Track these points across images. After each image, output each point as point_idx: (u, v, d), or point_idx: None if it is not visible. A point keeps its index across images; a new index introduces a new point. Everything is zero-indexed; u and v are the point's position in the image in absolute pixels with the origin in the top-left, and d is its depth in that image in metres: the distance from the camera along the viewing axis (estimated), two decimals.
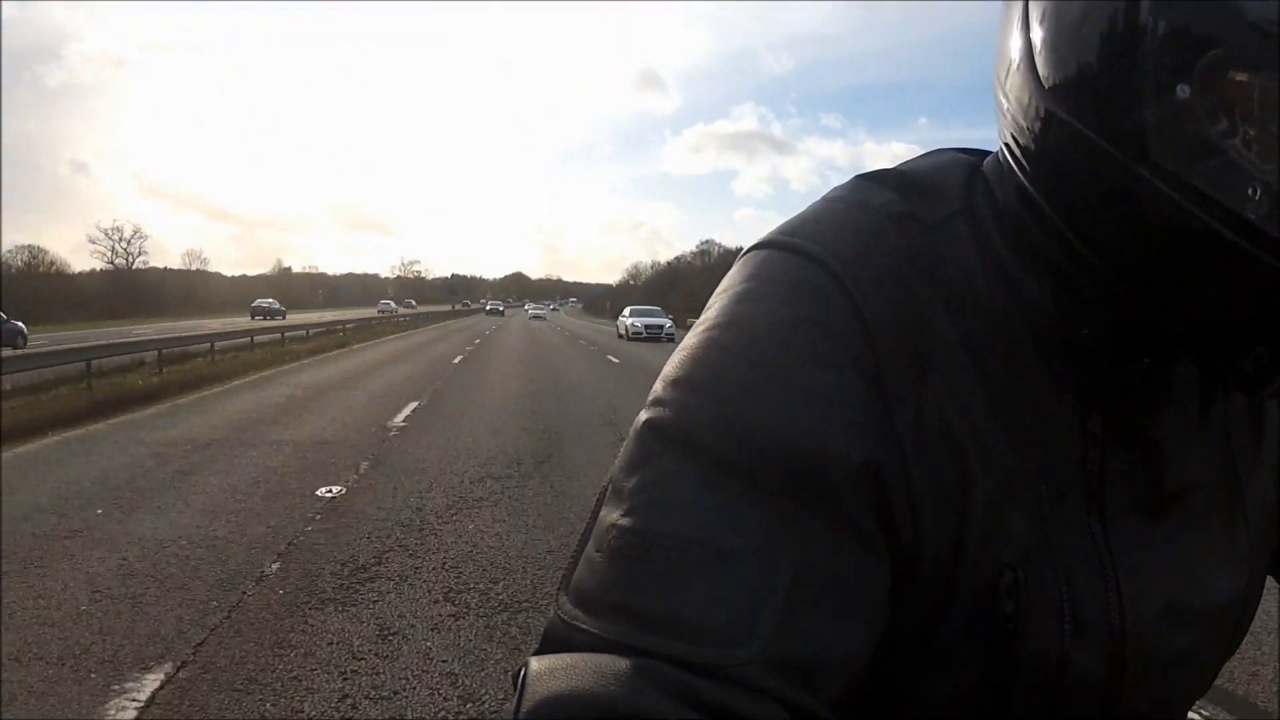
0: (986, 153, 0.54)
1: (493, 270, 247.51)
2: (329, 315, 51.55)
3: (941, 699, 0.48)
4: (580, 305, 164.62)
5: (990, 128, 0.51)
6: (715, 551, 0.40)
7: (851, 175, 0.54)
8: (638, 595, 0.40)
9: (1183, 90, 0.38)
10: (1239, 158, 0.38)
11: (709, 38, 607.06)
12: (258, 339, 20.10)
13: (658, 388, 0.46)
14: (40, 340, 21.80)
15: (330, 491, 5.43)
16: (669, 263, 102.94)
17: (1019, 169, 0.46)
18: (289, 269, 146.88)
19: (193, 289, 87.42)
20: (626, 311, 37.75)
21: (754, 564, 0.40)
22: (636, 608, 0.39)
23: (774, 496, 0.41)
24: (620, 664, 0.37)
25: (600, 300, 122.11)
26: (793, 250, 0.48)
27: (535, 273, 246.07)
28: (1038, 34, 0.43)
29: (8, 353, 12.34)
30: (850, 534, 0.42)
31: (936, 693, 0.47)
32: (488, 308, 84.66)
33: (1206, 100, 0.38)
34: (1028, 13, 0.44)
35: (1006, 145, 0.47)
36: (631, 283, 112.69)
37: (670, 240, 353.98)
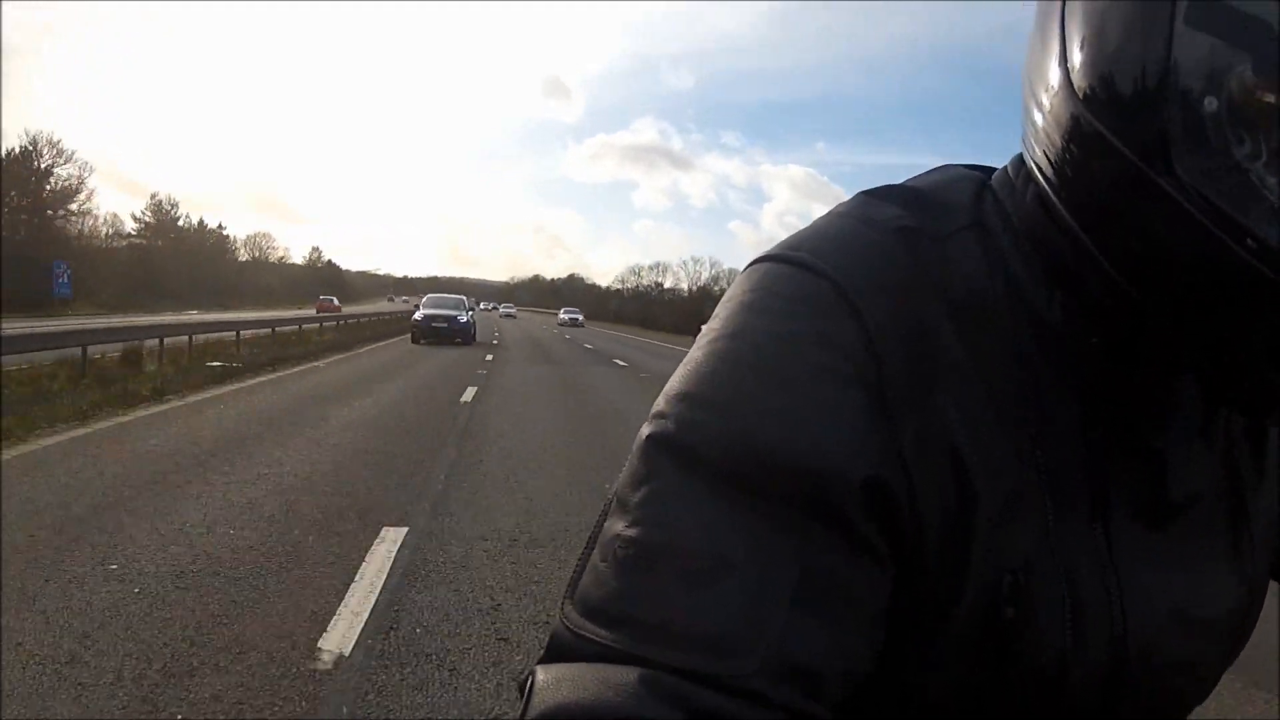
0: (991, 169, 0.56)
1: (411, 270, 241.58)
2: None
3: (942, 702, 0.48)
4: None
5: (888, 155, 9.31)
6: (719, 562, 0.40)
7: (750, 192, 4.73)
8: (643, 605, 0.40)
9: (1210, 105, 0.38)
10: (1260, 178, 0.38)
11: (619, 43, 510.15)
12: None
13: (661, 402, 0.47)
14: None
15: (498, 337, 33.79)
16: (534, 275, 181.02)
17: (1046, 181, 0.46)
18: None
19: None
20: (562, 310, 67.29)
21: (758, 575, 0.40)
22: (642, 618, 0.40)
23: (777, 508, 0.41)
24: (626, 674, 0.38)
25: (493, 296, 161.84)
26: (797, 264, 0.48)
27: (441, 273, 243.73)
28: (1075, 44, 0.43)
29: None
30: (853, 545, 0.42)
31: (937, 696, 0.48)
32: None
33: (1232, 118, 0.38)
34: (1064, 22, 0.44)
35: (1034, 158, 0.47)
36: (513, 282, 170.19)
37: (570, 245, 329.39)
